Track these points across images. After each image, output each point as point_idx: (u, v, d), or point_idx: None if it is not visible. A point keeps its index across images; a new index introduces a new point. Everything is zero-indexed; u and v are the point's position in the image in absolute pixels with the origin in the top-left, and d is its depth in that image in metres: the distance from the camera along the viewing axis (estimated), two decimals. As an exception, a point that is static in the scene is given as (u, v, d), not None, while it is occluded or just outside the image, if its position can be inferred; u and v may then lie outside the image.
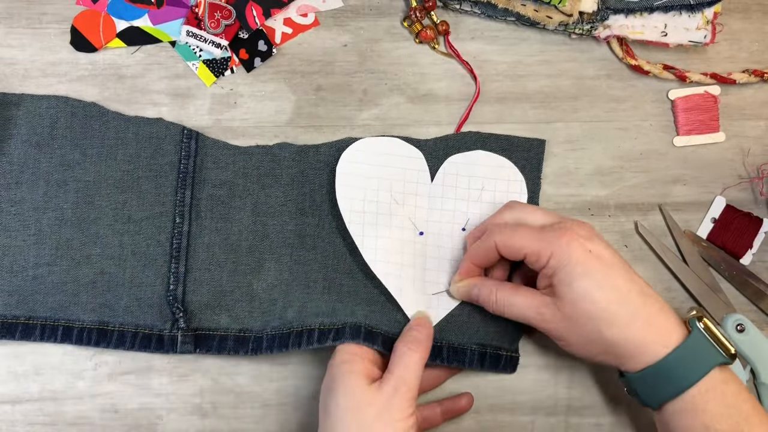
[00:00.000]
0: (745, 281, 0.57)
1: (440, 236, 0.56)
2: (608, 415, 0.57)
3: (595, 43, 0.61)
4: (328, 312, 0.54)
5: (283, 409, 0.56)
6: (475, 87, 0.59)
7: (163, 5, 0.59)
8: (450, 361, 0.55)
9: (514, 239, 0.50)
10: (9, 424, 0.55)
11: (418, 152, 0.57)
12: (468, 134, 0.58)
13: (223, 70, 0.59)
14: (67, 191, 0.56)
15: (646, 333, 0.47)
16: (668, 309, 0.48)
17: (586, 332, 0.48)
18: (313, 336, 0.53)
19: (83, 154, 0.57)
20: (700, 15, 0.58)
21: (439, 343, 0.55)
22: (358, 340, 0.51)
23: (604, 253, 0.48)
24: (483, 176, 0.57)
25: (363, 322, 0.53)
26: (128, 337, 0.55)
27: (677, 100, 0.60)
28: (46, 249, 0.56)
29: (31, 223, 0.56)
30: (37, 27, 0.59)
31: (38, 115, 0.57)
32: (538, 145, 0.58)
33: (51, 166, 0.56)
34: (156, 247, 0.56)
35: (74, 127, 0.57)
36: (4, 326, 0.55)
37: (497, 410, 0.56)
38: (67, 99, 0.57)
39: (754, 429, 0.45)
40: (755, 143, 0.60)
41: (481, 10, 0.59)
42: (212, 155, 0.57)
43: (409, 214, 0.56)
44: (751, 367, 0.56)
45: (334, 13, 0.60)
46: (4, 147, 0.56)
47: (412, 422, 0.48)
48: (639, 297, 0.47)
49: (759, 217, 0.58)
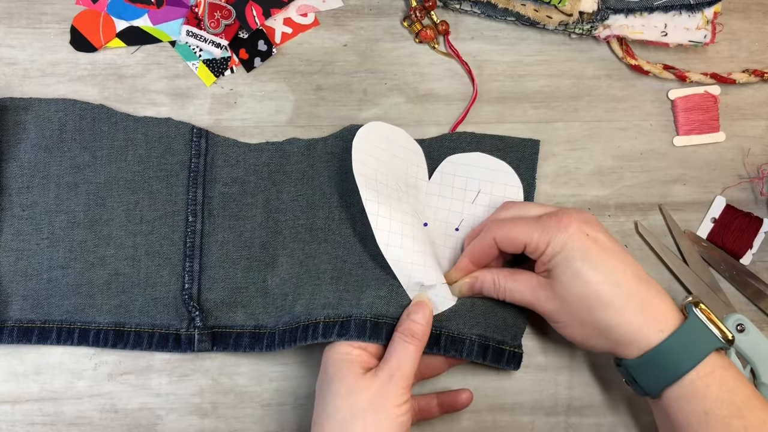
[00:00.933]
0: (745, 281, 0.57)
1: (434, 234, 0.56)
2: (608, 415, 0.56)
3: (595, 43, 0.61)
4: (334, 303, 0.54)
5: (283, 409, 0.56)
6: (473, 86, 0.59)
7: (163, 5, 0.59)
8: (447, 350, 0.53)
9: (514, 231, 0.50)
10: (9, 424, 0.55)
11: (419, 147, 0.57)
12: (463, 134, 0.58)
13: (223, 70, 0.59)
14: (79, 194, 0.56)
15: (641, 317, 0.47)
16: (664, 294, 0.48)
17: (580, 314, 0.48)
18: (318, 330, 0.52)
19: (93, 156, 0.57)
20: (700, 15, 0.58)
21: (437, 332, 0.53)
22: (363, 338, 0.51)
23: (601, 237, 0.48)
24: (480, 178, 0.57)
25: (368, 313, 0.52)
26: (145, 337, 0.55)
27: (677, 100, 0.60)
28: (59, 252, 0.56)
29: (43, 227, 0.56)
30: (37, 27, 0.59)
31: (47, 119, 0.57)
32: (532, 145, 0.58)
33: (61, 170, 0.56)
34: (169, 246, 0.56)
35: (83, 129, 0.57)
36: (20, 331, 0.55)
37: (497, 410, 0.56)
38: (75, 102, 0.57)
39: (754, 414, 0.45)
40: (755, 143, 0.60)
41: (481, 9, 0.59)
42: (222, 153, 0.57)
43: (413, 204, 0.56)
44: (752, 367, 0.56)
45: (334, 13, 0.60)
46: (14, 151, 0.56)
47: (405, 409, 0.47)
48: (634, 281, 0.48)
49: (759, 217, 0.58)
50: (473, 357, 0.54)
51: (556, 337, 0.57)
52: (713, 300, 0.57)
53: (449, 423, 0.56)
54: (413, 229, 0.54)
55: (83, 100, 0.57)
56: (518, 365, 0.55)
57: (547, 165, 0.59)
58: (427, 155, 0.57)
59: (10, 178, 0.56)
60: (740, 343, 0.55)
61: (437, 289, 0.54)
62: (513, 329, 0.55)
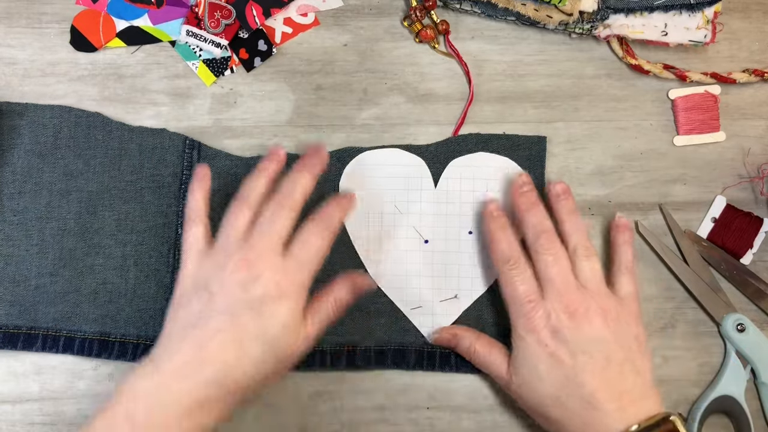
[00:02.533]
0: (745, 281, 0.57)
1: (447, 241, 0.56)
2: (608, 414, 0.56)
3: (595, 43, 0.61)
4: (336, 329, 0.55)
5: (283, 409, 0.56)
6: (473, 86, 0.59)
7: (163, 5, 0.59)
8: (459, 368, 0.55)
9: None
10: (9, 424, 0.55)
11: (419, 159, 0.57)
12: (469, 136, 0.58)
13: (223, 70, 0.59)
14: (70, 201, 0.56)
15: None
16: (613, 413, 0.47)
17: (533, 409, 0.51)
18: (326, 359, 0.55)
19: (86, 164, 0.57)
20: (701, 14, 0.58)
21: (447, 351, 0.55)
22: (370, 366, 0.55)
23: (561, 352, 0.49)
24: (486, 178, 0.57)
25: (372, 342, 0.55)
26: (130, 348, 0.55)
27: (677, 99, 0.60)
28: (48, 259, 0.56)
29: (34, 233, 0.56)
30: (37, 27, 0.59)
31: (42, 125, 0.57)
32: (539, 141, 0.58)
33: (54, 176, 0.56)
34: (158, 258, 0.56)
35: (77, 137, 0.57)
36: (6, 336, 0.55)
37: (497, 410, 0.56)
38: (70, 109, 0.57)
39: None
40: (755, 143, 0.60)
41: (481, 9, 0.59)
42: (214, 166, 0.57)
43: (413, 224, 0.56)
44: (752, 367, 0.56)
45: (334, 12, 0.60)
46: (8, 157, 0.56)
47: (308, 283, 0.48)
48: (578, 401, 0.48)
49: (759, 216, 0.58)
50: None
51: (557, 337, 0.57)
52: (713, 300, 0.57)
53: (449, 423, 0.56)
54: (407, 254, 0.56)
55: (79, 108, 0.57)
56: None
57: (547, 165, 0.59)
58: (435, 160, 0.57)
59: (3, 183, 0.56)
60: (740, 343, 0.55)
61: (435, 308, 0.56)
62: None
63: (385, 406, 0.56)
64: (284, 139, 0.58)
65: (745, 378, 0.55)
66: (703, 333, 0.57)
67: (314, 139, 0.58)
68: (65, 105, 0.57)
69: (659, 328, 0.57)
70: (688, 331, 0.57)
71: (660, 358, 0.57)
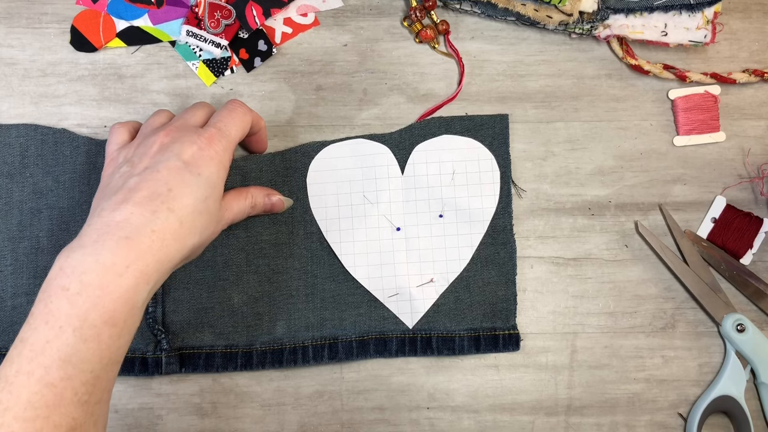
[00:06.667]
0: (745, 281, 0.57)
1: (418, 227, 0.57)
2: (608, 415, 0.56)
3: (595, 43, 0.61)
4: (317, 324, 0.56)
5: (283, 409, 0.56)
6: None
7: (163, 5, 0.59)
8: (440, 351, 0.56)
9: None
10: (9, 424, 0.55)
11: (385, 147, 0.57)
12: (431, 120, 0.58)
13: (223, 70, 0.59)
14: (42, 219, 0.56)
15: None
16: None
17: None
18: (308, 353, 0.55)
19: (56, 181, 0.56)
20: (701, 14, 0.58)
21: (427, 335, 0.56)
22: (351, 358, 0.55)
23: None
24: (452, 160, 0.57)
25: (353, 333, 0.56)
26: None
27: (677, 99, 0.60)
28: (23, 278, 0.55)
29: (7, 253, 0.56)
30: (37, 27, 0.59)
31: (8, 145, 0.57)
32: (502, 120, 0.58)
33: (24, 195, 0.56)
34: None
35: (45, 154, 0.57)
36: None
37: (497, 410, 0.56)
38: (36, 126, 0.57)
39: None
40: (755, 143, 0.60)
41: (481, 9, 0.59)
42: None
43: (384, 212, 0.57)
44: (751, 367, 0.56)
45: (334, 12, 0.60)
46: None
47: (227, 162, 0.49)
48: None
49: (759, 216, 0.58)
50: (465, 352, 0.55)
51: (557, 337, 0.57)
52: (713, 300, 0.57)
53: (449, 423, 0.56)
54: (380, 243, 0.57)
55: (44, 125, 0.57)
56: (517, 346, 0.56)
57: (547, 165, 0.59)
58: (400, 147, 0.58)
59: None
60: (740, 344, 0.55)
61: (413, 293, 0.56)
62: (503, 313, 0.56)
63: (385, 406, 0.56)
64: (284, 139, 0.58)
65: (744, 378, 0.55)
66: (703, 333, 0.57)
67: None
68: (30, 123, 0.57)
69: (659, 328, 0.57)
70: (688, 332, 0.57)
71: (660, 358, 0.57)
